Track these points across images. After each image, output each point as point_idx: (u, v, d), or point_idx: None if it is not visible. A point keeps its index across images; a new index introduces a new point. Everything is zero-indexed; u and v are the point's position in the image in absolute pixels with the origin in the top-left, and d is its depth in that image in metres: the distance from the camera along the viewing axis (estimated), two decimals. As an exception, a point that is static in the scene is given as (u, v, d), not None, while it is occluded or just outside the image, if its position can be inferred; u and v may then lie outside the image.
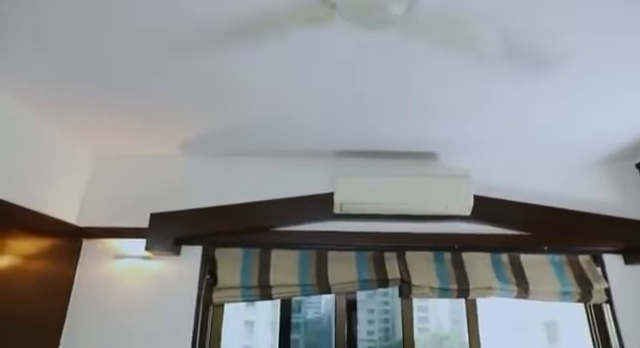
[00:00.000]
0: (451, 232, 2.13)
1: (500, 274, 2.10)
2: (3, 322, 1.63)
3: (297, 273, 2.10)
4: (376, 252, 2.17)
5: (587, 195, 2.18)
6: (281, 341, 2.18)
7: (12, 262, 1.69)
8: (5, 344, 1.63)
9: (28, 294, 1.78)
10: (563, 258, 2.14)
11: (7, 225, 1.69)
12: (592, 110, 1.76)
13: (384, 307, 4.95)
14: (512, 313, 4.22)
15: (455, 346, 4.43)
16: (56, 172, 2.01)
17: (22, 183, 1.79)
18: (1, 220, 1.66)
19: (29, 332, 1.77)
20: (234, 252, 2.15)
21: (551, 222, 2.10)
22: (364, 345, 4.77)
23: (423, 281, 2.08)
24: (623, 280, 2.07)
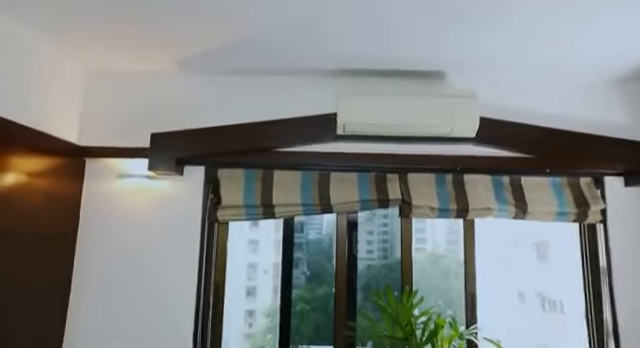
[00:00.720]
0: (454, 154, 2.13)
1: (500, 196, 2.14)
2: (17, 233, 1.71)
3: (299, 193, 2.14)
4: (378, 173, 2.19)
5: (596, 116, 2.13)
6: (284, 259, 2.30)
7: (19, 179, 1.72)
8: (18, 254, 1.72)
9: (37, 209, 1.83)
10: (564, 180, 2.16)
11: (11, 143, 1.69)
12: (612, 26, 1.64)
13: (383, 229, 5.15)
14: (505, 233, 4.41)
15: (451, 264, 4.68)
16: (54, 92, 1.97)
17: (22, 103, 1.76)
18: (5, 138, 1.66)
19: (42, 244, 1.86)
20: (236, 172, 2.18)
21: (556, 144, 2.08)
22: (363, 263, 5.05)
23: (423, 201, 2.13)
24: (620, 201, 2.11)
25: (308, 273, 4.99)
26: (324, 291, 4.56)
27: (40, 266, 1.85)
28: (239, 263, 5.27)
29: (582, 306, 2.17)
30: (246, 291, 5.16)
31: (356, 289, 2.28)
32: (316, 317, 4.60)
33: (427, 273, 4.71)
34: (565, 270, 2.32)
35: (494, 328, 2.01)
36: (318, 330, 4.58)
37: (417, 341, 1.84)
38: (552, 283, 3.97)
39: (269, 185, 2.15)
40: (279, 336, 2.21)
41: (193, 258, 2.07)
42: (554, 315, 3.92)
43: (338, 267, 2.23)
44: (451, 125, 1.98)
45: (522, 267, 4.51)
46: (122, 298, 2.04)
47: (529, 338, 4.10)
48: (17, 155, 1.72)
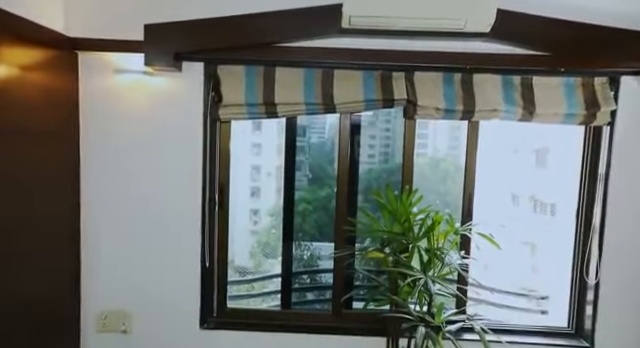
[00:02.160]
0: (465, 51, 2.01)
1: (508, 96, 2.07)
2: (14, 129, 1.68)
3: (302, 91, 2.07)
4: (384, 72, 2.09)
5: (618, 6, 1.95)
6: (287, 161, 2.33)
7: (9, 71, 1.64)
8: (19, 150, 1.72)
9: (33, 104, 1.78)
10: (577, 80, 2.07)
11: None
12: None
13: (385, 133, 5.15)
14: (507, 139, 4.43)
15: (450, 168, 4.79)
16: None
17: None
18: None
19: (43, 140, 1.85)
20: (237, 69, 2.09)
21: (574, 40, 1.94)
22: (365, 167, 5.15)
23: (429, 102, 2.07)
24: (633, 102, 2.05)
25: (310, 176, 5.14)
26: (326, 193, 4.74)
27: (45, 161, 1.87)
28: (243, 165, 5.40)
29: (574, 209, 2.26)
30: (250, 191, 5.39)
31: (357, 190, 2.36)
32: (318, 217, 4.86)
33: (427, 177, 4.84)
34: (561, 175, 2.36)
35: (487, 226, 2.11)
36: (320, 229, 4.87)
37: (414, 236, 1.94)
38: (547, 187, 4.10)
39: (271, 83, 2.08)
40: (282, 233, 2.35)
41: (197, 156, 2.10)
42: (544, 217, 4.13)
43: (340, 168, 2.27)
44: (465, 18, 1.83)
45: (519, 172, 4.62)
46: (131, 194, 2.12)
47: (518, 237, 4.38)
48: (4, 45, 1.62)
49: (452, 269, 1.95)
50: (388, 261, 1.98)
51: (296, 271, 4.07)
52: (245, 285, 4.01)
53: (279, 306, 2.35)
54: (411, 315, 1.85)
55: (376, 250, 2.00)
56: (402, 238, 1.95)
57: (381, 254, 1.99)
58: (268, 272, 4.36)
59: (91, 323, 2.16)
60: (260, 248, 4.90)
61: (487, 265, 3.95)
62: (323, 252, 4.22)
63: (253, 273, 4.32)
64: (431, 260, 1.91)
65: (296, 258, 4.20)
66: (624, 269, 2.12)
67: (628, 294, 2.12)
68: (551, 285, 2.79)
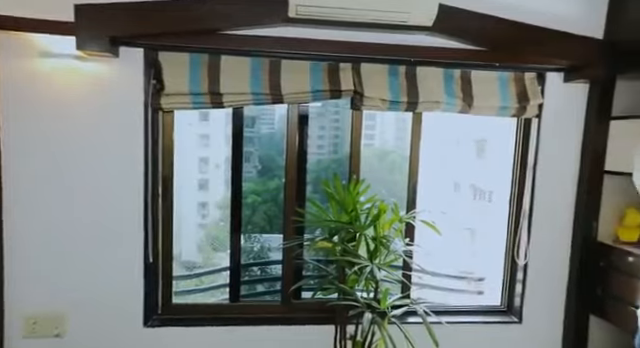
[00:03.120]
0: (409, 44, 2.06)
1: (449, 89, 2.16)
2: None
3: (249, 81, 2.03)
4: (331, 62, 2.10)
5: (549, 8, 2.09)
6: (234, 153, 2.28)
7: None
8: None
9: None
10: (510, 75, 2.20)
11: None
12: None
13: (335, 124, 5.19)
14: (450, 131, 4.65)
15: (397, 159, 4.94)
16: None
17: None
18: None
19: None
20: (180, 57, 2.00)
21: (509, 37, 2.05)
22: (314, 157, 5.17)
23: (375, 93, 2.11)
24: (557, 96, 2.22)
25: (260, 167, 5.08)
26: (275, 184, 4.72)
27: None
28: (190, 157, 5.23)
29: (507, 195, 2.42)
30: (198, 184, 5.24)
31: (305, 181, 2.36)
32: (267, 208, 4.84)
33: (375, 167, 4.97)
34: (498, 165, 2.51)
35: (431, 214, 2.21)
36: (270, 220, 4.85)
37: (361, 225, 1.99)
38: (485, 176, 4.37)
39: (216, 72, 2.02)
40: (230, 226, 2.30)
41: (137, 147, 2.00)
42: (482, 203, 4.40)
43: (288, 158, 2.26)
44: (408, 12, 1.88)
45: (461, 162, 4.88)
46: (61, 189, 1.98)
47: (459, 223, 4.63)
48: None
49: (397, 256, 2.02)
50: (336, 250, 2.01)
51: (245, 263, 4.03)
52: (194, 280, 3.92)
53: (228, 300, 2.32)
54: (358, 302, 1.90)
55: (324, 240, 2.03)
56: (349, 227, 1.99)
57: (329, 244, 2.02)
58: (217, 266, 4.28)
59: (17, 329, 2.00)
60: (209, 242, 4.80)
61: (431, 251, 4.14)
62: (273, 244, 4.22)
63: (202, 267, 4.23)
64: (377, 248, 1.96)
65: (246, 250, 4.17)
66: (548, 250, 2.31)
67: (551, 273, 2.32)
68: (487, 267, 2.99)
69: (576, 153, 2.26)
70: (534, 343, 2.34)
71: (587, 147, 2.21)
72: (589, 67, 2.08)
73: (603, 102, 2.14)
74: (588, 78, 2.12)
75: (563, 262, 2.31)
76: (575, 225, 2.28)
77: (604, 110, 2.14)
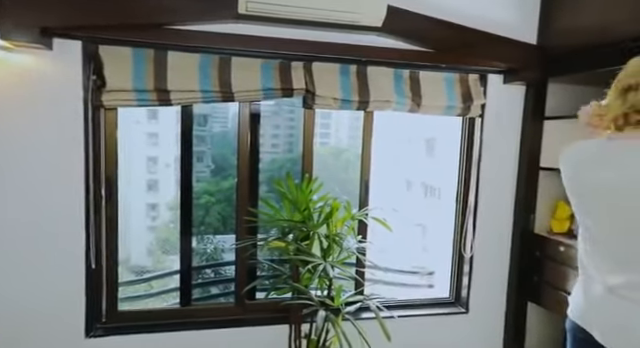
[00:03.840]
0: (360, 44, 2.10)
1: (399, 89, 2.22)
2: None
3: (198, 78, 1.97)
4: (283, 61, 2.09)
5: (489, 14, 2.21)
6: (184, 152, 2.20)
7: None
8: None
9: None
10: (455, 76, 2.30)
11: None
12: None
13: (289, 123, 5.17)
14: (401, 130, 4.78)
15: (351, 157, 5.00)
16: None
17: None
18: None
19: None
20: (123, 51, 1.90)
21: (455, 40, 2.15)
22: (269, 156, 5.12)
23: (327, 92, 2.13)
24: (498, 97, 2.35)
25: (213, 166, 4.97)
26: (229, 184, 4.63)
27: None
28: (138, 156, 5.00)
29: (455, 191, 2.53)
30: (147, 185, 5.02)
31: (258, 180, 2.34)
32: (221, 209, 4.73)
33: (329, 166, 5.01)
34: (446, 162, 2.61)
35: (383, 211, 2.25)
36: (224, 221, 4.75)
37: (314, 223, 1.99)
38: (435, 174, 4.54)
39: (163, 68, 1.94)
40: (180, 228, 2.23)
41: (76, 146, 1.88)
42: (432, 200, 4.57)
43: (240, 158, 2.22)
44: (359, 12, 1.91)
45: (413, 160, 5.04)
46: (-7, 191, 1.82)
47: (411, 219, 4.78)
48: None
49: (350, 253, 2.05)
50: (290, 249, 2.01)
51: (198, 266, 3.92)
52: (143, 285, 3.76)
53: (179, 304, 2.24)
54: (312, 300, 1.90)
55: (278, 239, 2.01)
56: (302, 226, 1.99)
57: (283, 243, 2.01)
58: (168, 269, 4.13)
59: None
60: (159, 244, 4.62)
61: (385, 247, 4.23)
62: (227, 244, 4.14)
63: (152, 271, 4.06)
64: (330, 246, 1.98)
65: (198, 252, 4.06)
66: (492, 243, 2.44)
67: (494, 264, 2.46)
68: (437, 261, 3.10)
69: (515, 151, 2.40)
70: (479, 330, 2.47)
71: (524, 145, 2.36)
72: (525, 70, 2.22)
73: (537, 103, 2.29)
74: (524, 80, 2.27)
75: (504, 253, 2.46)
76: (515, 218, 2.42)
77: (538, 111, 2.29)
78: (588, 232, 1.31)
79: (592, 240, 1.30)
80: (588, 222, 1.31)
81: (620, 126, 1.16)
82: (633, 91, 1.13)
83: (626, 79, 1.16)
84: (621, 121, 1.15)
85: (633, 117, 1.13)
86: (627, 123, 1.15)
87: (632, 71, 1.16)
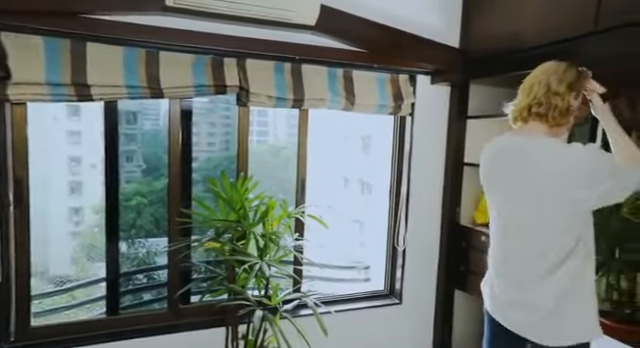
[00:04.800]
0: (294, 42, 2.10)
1: (333, 87, 2.26)
2: None
3: (122, 73, 1.85)
4: (215, 57, 2.03)
5: (417, 17, 2.32)
6: (108, 151, 2.06)
7: None
8: None
9: None
10: (387, 76, 2.38)
11: None
12: None
13: (226, 121, 5.05)
14: (338, 128, 4.86)
15: (289, 155, 4.99)
16: None
17: None
18: None
19: None
20: (32, 40, 1.73)
21: (387, 42, 2.22)
22: (204, 155, 4.96)
23: (261, 90, 2.10)
24: (426, 97, 2.48)
25: (144, 166, 4.70)
26: (162, 184, 4.40)
27: None
28: (58, 156, 4.59)
29: (389, 186, 2.63)
30: (69, 187, 4.62)
31: (192, 180, 2.25)
32: (154, 210, 4.49)
33: (268, 164, 4.96)
34: (381, 160, 2.71)
35: (320, 208, 2.28)
36: (157, 223, 4.51)
37: (250, 222, 1.97)
38: (371, 171, 4.68)
39: (81, 60, 1.80)
40: (106, 232, 2.08)
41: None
42: (369, 196, 4.71)
43: (172, 156, 2.13)
44: (292, 10, 1.91)
45: (349, 157, 5.15)
46: None
47: (349, 215, 4.89)
48: None
49: (287, 251, 2.05)
50: (225, 250, 1.96)
51: (128, 271, 3.69)
52: (65, 296, 3.45)
53: (105, 314, 2.09)
54: (249, 301, 1.88)
55: (212, 240, 1.96)
56: (238, 225, 1.95)
57: (218, 244, 1.96)
58: (95, 277, 3.84)
59: None
60: (84, 251, 4.28)
61: (324, 244, 4.29)
62: (161, 248, 3.94)
63: (75, 280, 3.74)
64: (267, 245, 1.96)
65: (129, 257, 3.81)
66: (422, 235, 2.57)
67: (425, 255, 2.59)
68: (373, 256, 3.20)
69: (442, 148, 2.54)
70: (412, 319, 2.59)
71: (450, 142, 2.51)
72: (449, 72, 2.36)
73: (461, 103, 2.45)
74: (449, 81, 2.41)
75: (434, 245, 2.60)
76: (443, 211, 2.57)
77: (462, 110, 2.45)
78: (494, 224, 1.44)
79: (496, 230, 1.44)
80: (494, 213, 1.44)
81: (525, 118, 1.33)
82: (536, 86, 1.31)
83: (532, 79, 1.34)
84: (525, 113, 1.32)
85: (535, 109, 1.28)
86: (530, 115, 1.31)
87: (537, 74, 1.32)
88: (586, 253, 1.27)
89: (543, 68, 1.36)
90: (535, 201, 1.28)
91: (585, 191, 1.19)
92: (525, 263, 1.33)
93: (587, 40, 1.69)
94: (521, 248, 1.34)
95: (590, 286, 1.28)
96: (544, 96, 1.29)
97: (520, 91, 1.37)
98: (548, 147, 1.27)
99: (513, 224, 1.37)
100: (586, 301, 1.27)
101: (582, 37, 1.71)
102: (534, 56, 1.58)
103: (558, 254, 1.25)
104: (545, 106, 1.29)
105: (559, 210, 1.24)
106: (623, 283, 1.91)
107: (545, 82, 1.30)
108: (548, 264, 1.26)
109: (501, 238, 1.42)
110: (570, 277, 1.25)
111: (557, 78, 1.29)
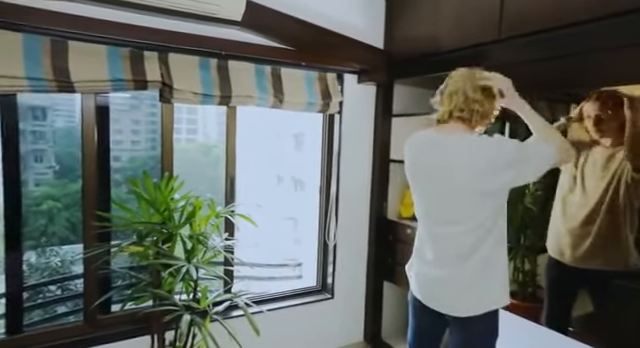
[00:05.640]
0: (220, 37, 2.04)
1: (261, 84, 2.23)
2: None
3: (22, 63, 1.67)
4: (134, 49, 1.91)
5: (345, 18, 2.38)
6: (7, 150, 1.84)
7: None
8: None
9: None
10: (315, 74, 2.41)
11: None
12: None
13: (152, 118, 4.77)
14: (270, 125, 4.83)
15: (221, 153, 4.85)
16: None
17: None
18: None
19: None
20: None
21: (314, 40, 2.24)
22: (128, 154, 4.65)
23: (186, 86, 2.02)
24: (353, 96, 2.55)
25: (57, 167, 4.28)
26: (78, 186, 4.06)
27: None
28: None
29: (319, 183, 2.66)
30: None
31: (110, 181, 2.11)
32: (70, 215, 4.12)
33: (197, 163, 4.78)
34: (313, 156, 2.73)
35: (255, 206, 2.25)
36: (73, 229, 4.14)
37: (175, 224, 1.88)
38: (303, 168, 4.72)
39: (-30, 48, 1.59)
40: (5, 243, 1.86)
41: None
42: (302, 193, 4.74)
43: (86, 156, 1.98)
44: (217, 4, 1.86)
45: (283, 155, 5.14)
46: None
47: (283, 213, 4.88)
48: None
49: (217, 252, 1.99)
50: (149, 254, 1.86)
51: (37, 283, 3.35)
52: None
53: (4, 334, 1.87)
54: (176, 305, 1.80)
55: (134, 244, 1.84)
56: (163, 227, 1.86)
57: (140, 247, 1.85)
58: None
59: None
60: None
61: (258, 243, 4.24)
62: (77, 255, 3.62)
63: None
64: (195, 246, 1.89)
65: (39, 268, 3.45)
66: (352, 230, 2.64)
67: (355, 250, 2.67)
68: (306, 252, 3.24)
69: (369, 145, 2.64)
70: (344, 313, 2.66)
71: (377, 140, 2.61)
72: (374, 72, 2.45)
73: (386, 102, 2.55)
74: (374, 81, 2.50)
75: (363, 239, 2.69)
76: (371, 206, 2.66)
77: (387, 109, 2.56)
78: (418, 212, 1.54)
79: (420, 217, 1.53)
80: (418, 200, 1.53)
81: (446, 120, 1.42)
82: (455, 95, 1.42)
83: (452, 87, 1.45)
84: (447, 116, 1.42)
85: (456, 113, 1.39)
86: (451, 117, 1.40)
87: (455, 80, 1.43)
88: (500, 239, 1.41)
89: (459, 74, 1.46)
90: (454, 192, 1.38)
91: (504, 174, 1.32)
92: (445, 248, 1.44)
93: (495, 46, 1.86)
94: (442, 234, 1.45)
95: (502, 266, 1.42)
96: (464, 104, 1.40)
97: (445, 97, 1.46)
98: (465, 142, 1.38)
99: (434, 212, 1.47)
100: (497, 279, 1.42)
101: (490, 43, 1.87)
102: (452, 59, 1.70)
103: (475, 240, 1.37)
104: (467, 112, 1.40)
105: (476, 200, 1.35)
106: (527, 265, 2.13)
107: (462, 90, 1.41)
108: (466, 249, 1.38)
109: (424, 225, 1.52)
110: (485, 260, 1.38)
111: (471, 86, 1.40)
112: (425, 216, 1.51)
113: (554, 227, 1.87)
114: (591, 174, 1.72)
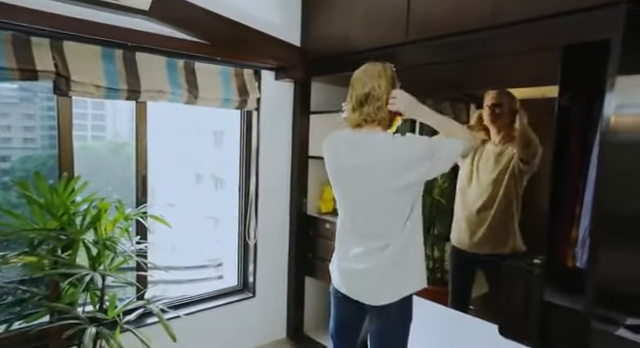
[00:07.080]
0: (126, 26, 1.90)
1: (173, 79, 2.12)
2: None
3: None
4: (17, 34, 1.70)
5: (263, 14, 2.36)
6: None
7: None
8: None
9: None
10: (231, 70, 2.35)
11: None
12: None
13: (48, 113, 4.28)
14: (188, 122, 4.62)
15: (132, 152, 4.51)
16: None
17: None
18: None
19: None
20: None
21: (230, 35, 2.19)
22: (19, 153, 4.13)
23: (87, 78, 1.85)
24: (271, 92, 2.53)
25: None
26: (-43, 190, 3.51)
27: None
28: None
29: (238, 180, 2.61)
30: None
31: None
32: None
33: (105, 162, 4.41)
34: (233, 153, 2.67)
35: (174, 206, 2.13)
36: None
37: (77, 229, 1.72)
38: (223, 166, 4.58)
39: None
40: None
41: None
42: (223, 192, 4.61)
43: (-37, 155, 1.71)
44: (121, -10, 1.73)
45: (202, 153, 4.94)
46: None
47: (203, 212, 4.70)
48: None
49: (127, 257, 1.85)
50: (44, 264, 1.67)
51: None
52: None
53: None
54: (78, 319, 1.64)
55: (24, 254, 1.64)
56: (61, 234, 1.68)
57: (33, 257, 1.65)
58: None
59: None
60: None
61: (176, 244, 4.04)
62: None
63: None
64: (101, 252, 1.75)
65: None
66: (273, 227, 2.64)
67: (276, 247, 2.67)
68: (227, 252, 3.16)
69: (288, 142, 2.64)
70: (266, 310, 2.65)
71: (295, 137, 2.62)
72: (292, 69, 2.46)
73: (303, 99, 2.58)
74: (292, 78, 2.51)
75: (284, 236, 2.69)
76: (291, 203, 2.68)
77: (305, 106, 2.59)
78: (340, 208, 1.59)
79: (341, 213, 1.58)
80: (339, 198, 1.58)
81: (360, 127, 1.47)
82: (366, 105, 1.46)
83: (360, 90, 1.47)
84: (362, 123, 1.46)
85: (369, 120, 1.47)
86: (366, 124, 1.46)
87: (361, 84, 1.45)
88: (417, 228, 1.50)
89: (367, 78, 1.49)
90: (372, 189, 1.44)
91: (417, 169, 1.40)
92: (364, 241, 1.50)
93: (403, 48, 1.97)
94: (361, 229, 1.51)
95: (418, 254, 1.52)
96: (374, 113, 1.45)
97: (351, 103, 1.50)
98: (379, 142, 1.45)
99: (354, 209, 1.53)
100: (414, 266, 1.51)
101: (399, 45, 1.97)
102: (363, 58, 1.76)
103: (391, 233, 1.45)
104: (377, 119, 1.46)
105: (392, 195, 1.43)
106: (436, 253, 2.31)
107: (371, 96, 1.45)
108: (383, 241, 1.46)
109: (344, 220, 1.57)
110: (401, 250, 1.46)
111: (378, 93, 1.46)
112: (346, 212, 1.56)
113: (455, 216, 2.05)
114: (484, 168, 1.91)
